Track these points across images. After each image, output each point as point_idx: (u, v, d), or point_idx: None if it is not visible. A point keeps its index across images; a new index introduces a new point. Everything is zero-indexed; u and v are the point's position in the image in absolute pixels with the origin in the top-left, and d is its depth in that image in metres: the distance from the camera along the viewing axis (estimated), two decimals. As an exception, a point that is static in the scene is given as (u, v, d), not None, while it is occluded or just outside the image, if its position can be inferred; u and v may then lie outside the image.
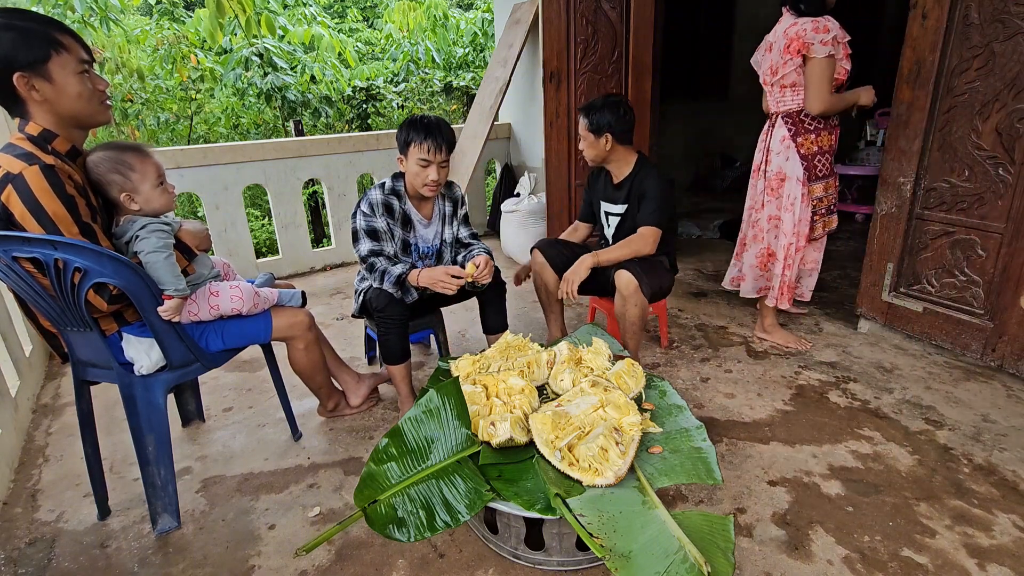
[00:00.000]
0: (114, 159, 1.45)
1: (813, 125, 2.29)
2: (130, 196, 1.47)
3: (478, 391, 1.53)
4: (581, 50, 3.47)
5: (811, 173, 2.31)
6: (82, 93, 1.39)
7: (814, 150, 2.30)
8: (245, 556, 1.52)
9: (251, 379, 2.49)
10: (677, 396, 1.66)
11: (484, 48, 8.17)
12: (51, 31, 1.33)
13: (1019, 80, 1.96)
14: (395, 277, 1.94)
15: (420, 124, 1.94)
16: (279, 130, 7.38)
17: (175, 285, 1.46)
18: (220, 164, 3.58)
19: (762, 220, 2.49)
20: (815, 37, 2.14)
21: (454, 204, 2.21)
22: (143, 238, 1.46)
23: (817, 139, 2.30)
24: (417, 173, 1.97)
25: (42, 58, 1.31)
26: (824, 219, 2.41)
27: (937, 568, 1.39)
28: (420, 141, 1.92)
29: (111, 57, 6.09)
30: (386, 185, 2.06)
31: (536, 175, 4.10)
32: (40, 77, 1.32)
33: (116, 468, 1.91)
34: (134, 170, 1.47)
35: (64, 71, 1.35)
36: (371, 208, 2.01)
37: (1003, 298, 2.13)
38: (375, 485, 1.35)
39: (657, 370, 2.43)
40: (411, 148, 1.94)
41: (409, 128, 1.95)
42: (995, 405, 2.05)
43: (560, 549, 1.39)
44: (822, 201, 2.37)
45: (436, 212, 2.16)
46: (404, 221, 2.07)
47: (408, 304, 2.01)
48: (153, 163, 1.52)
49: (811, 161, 2.30)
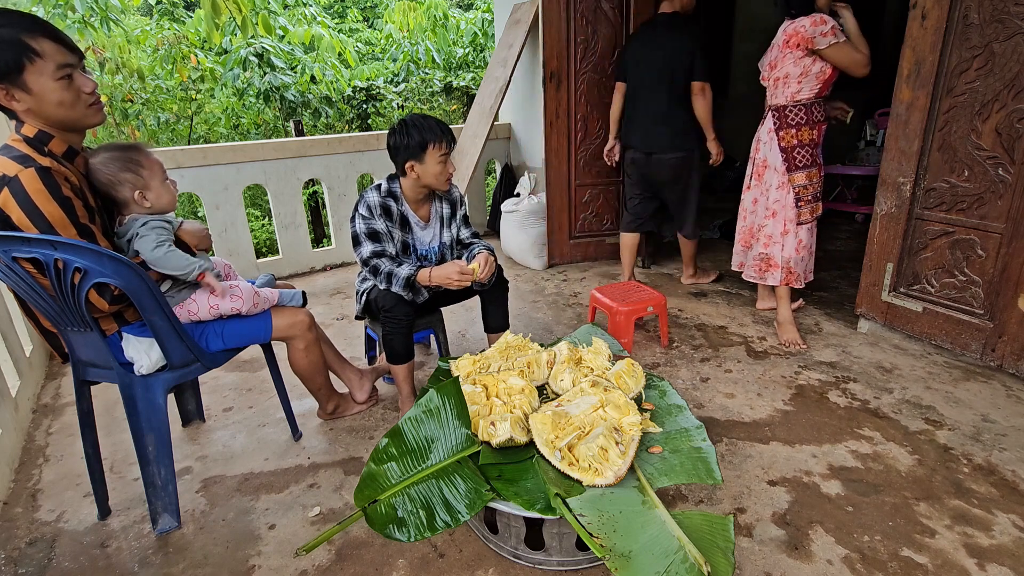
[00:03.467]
0: (124, 158, 1.47)
1: (795, 120, 2.44)
2: (143, 193, 1.50)
3: (478, 391, 1.53)
4: (581, 50, 3.47)
5: (790, 163, 2.48)
6: (63, 100, 1.31)
7: (794, 143, 2.45)
8: (245, 556, 1.52)
9: (251, 379, 2.49)
10: (677, 396, 1.66)
11: (484, 48, 8.17)
12: (23, 37, 1.23)
13: (1019, 80, 1.97)
14: (403, 280, 1.92)
15: (425, 125, 1.92)
16: (279, 130, 7.38)
17: (195, 264, 1.50)
18: (220, 164, 3.58)
19: (746, 201, 2.74)
20: (815, 30, 2.27)
21: (452, 206, 2.19)
22: (142, 236, 1.47)
23: (798, 133, 2.44)
24: (440, 172, 1.97)
25: (14, 69, 1.23)
26: (811, 205, 2.53)
27: (937, 568, 1.39)
28: (437, 141, 1.92)
29: (111, 57, 6.09)
30: (382, 187, 2.04)
31: (536, 175, 4.10)
32: (17, 88, 1.26)
33: (116, 468, 1.91)
34: (143, 167, 1.50)
35: (41, 79, 1.27)
36: (369, 210, 1.99)
37: (1003, 298, 2.13)
38: (375, 485, 1.36)
39: (657, 370, 2.43)
40: (430, 149, 1.92)
41: (419, 132, 1.91)
42: (995, 405, 2.05)
43: (560, 549, 1.39)
44: (806, 189, 2.50)
45: (434, 214, 2.15)
46: (402, 223, 2.06)
47: (416, 304, 2.01)
48: (156, 160, 1.55)
49: (790, 153, 2.47)
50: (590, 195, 3.79)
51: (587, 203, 3.80)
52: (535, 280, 3.64)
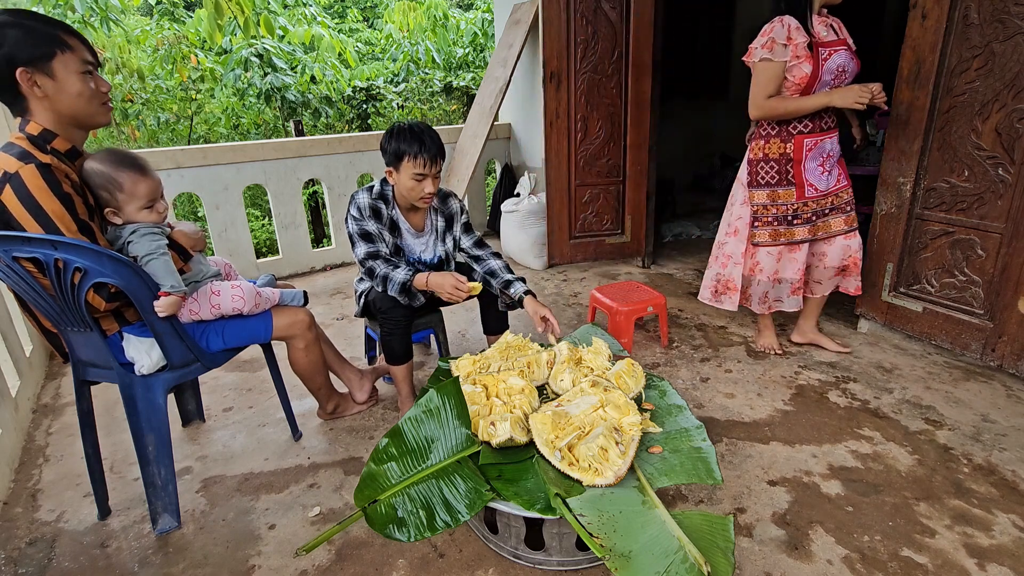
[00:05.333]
0: (105, 176, 1.43)
1: (765, 131, 2.21)
2: (114, 212, 1.47)
3: (478, 391, 1.53)
4: (581, 50, 3.47)
5: (752, 178, 2.26)
6: (83, 92, 1.40)
7: (760, 156, 2.22)
8: (245, 556, 1.52)
9: (251, 379, 2.49)
10: (677, 396, 1.66)
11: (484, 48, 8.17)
12: (58, 32, 1.36)
13: (1019, 80, 1.97)
14: (398, 286, 1.89)
15: (410, 135, 1.83)
16: (279, 130, 7.38)
17: (171, 282, 1.46)
18: (220, 164, 3.58)
19: None
20: (758, 41, 2.08)
21: (448, 220, 2.11)
22: (135, 242, 1.46)
23: (765, 145, 2.20)
24: (412, 188, 1.88)
25: (46, 55, 1.33)
26: (772, 229, 2.26)
27: (937, 568, 1.39)
28: (414, 155, 1.82)
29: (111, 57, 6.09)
30: (374, 189, 2.00)
31: (536, 175, 4.10)
32: (43, 74, 1.34)
33: (116, 468, 1.91)
34: (122, 191, 1.45)
35: (67, 69, 1.37)
36: (359, 211, 1.97)
37: (1003, 298, 2.13)
38: (375, 485, 1.36)
39: (657, 370, 2.43)
40: (404, 162, 1.84)
41: (398, 140, 1.83)
42: (995, 405, 2.05)
43: (560, 549, 1.39)
44: (766, 209, 2.25)
45: (429, 225, 2.10)
46: (392, 227, 2.02)
47: (414, 307, 2.00)
48: (147, 184, 1.48)
49: (754, 166, 2.25)
50: (590, 195, 3.79)
51: (587, 203, 3.80)
52: (535, 280, 3.64)
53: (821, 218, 2.26)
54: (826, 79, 2.06)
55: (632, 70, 3.50)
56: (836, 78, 2.08)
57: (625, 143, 3.67)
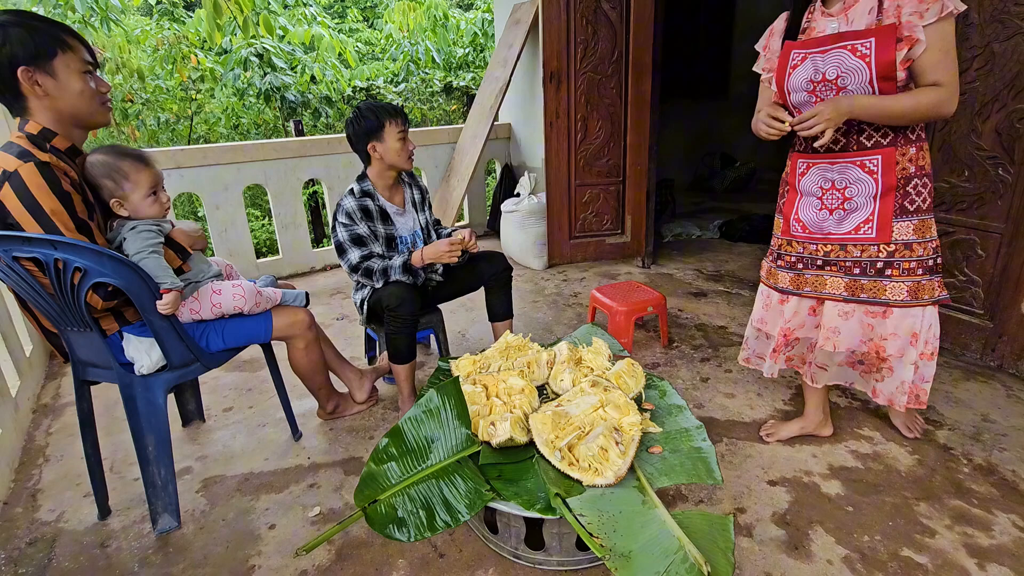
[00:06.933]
0: (109, 165, 1.46)
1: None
2: (119, 202, 1.49)
3: (478, 391, 1.53)
4: (581, 50, 3.47)
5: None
6: (84, 91, 1.41)
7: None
8: (245, 556, 1.52)
9: (251, 379, 2.49)
10: (677, 396, 1.66)
11: (484, 48, 8.17)
12: (59, 32, 1.37)
13: (1019, 80, 1.97)
14: (399, 268, 2.00)
15: (379, 107, 2.01)
16: (279, 130, 7.38)
17: (165, 279, 1.47)
18: (220, 164, 3.58)
19: None
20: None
21: (422, 192, 2.28)
22: (129, 240, 1.47)
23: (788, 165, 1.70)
24: (400, 149, 2.03)
25: (48, 54, 1.34)
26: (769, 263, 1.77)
27: (937, 568, 1.39)
28: (392, 118, 2.00)
29: (111, 57, 6.09)
30: (355, 190, 2.08)
31: (536, 175, 4.10)
32: (44, 73, 1.35)
33: (116, 468, 1.91)
34: (127, 179, 1.48)
35: (68, 69, 1.38)
36: (349, 217, 2.03)
37: (1003, 298, 2.13)
38: (375, 485, 1.36)
39: (657, 370, 2.43)
40: (387, 128, 2.00)
41: (373, 113, 1.99)
42: (995, 405, 2.05)
43: (560, 549, 1.39)
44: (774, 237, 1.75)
45: (407, 200, 2.21)
46: (383, 217, 2.10)
47: (419, 301, 2.02)
48: (149, 173, 1.52)
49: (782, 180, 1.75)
50: (590, 195, 3.79)
51: (587, 203, 3.81)
52: (535, 280, 3.64)
53: (811, 269, 1.64)
54: (798, 98, 1.50)
55: (632, 70, 3.50)
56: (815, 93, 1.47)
57: (625, 143, 3.67)
